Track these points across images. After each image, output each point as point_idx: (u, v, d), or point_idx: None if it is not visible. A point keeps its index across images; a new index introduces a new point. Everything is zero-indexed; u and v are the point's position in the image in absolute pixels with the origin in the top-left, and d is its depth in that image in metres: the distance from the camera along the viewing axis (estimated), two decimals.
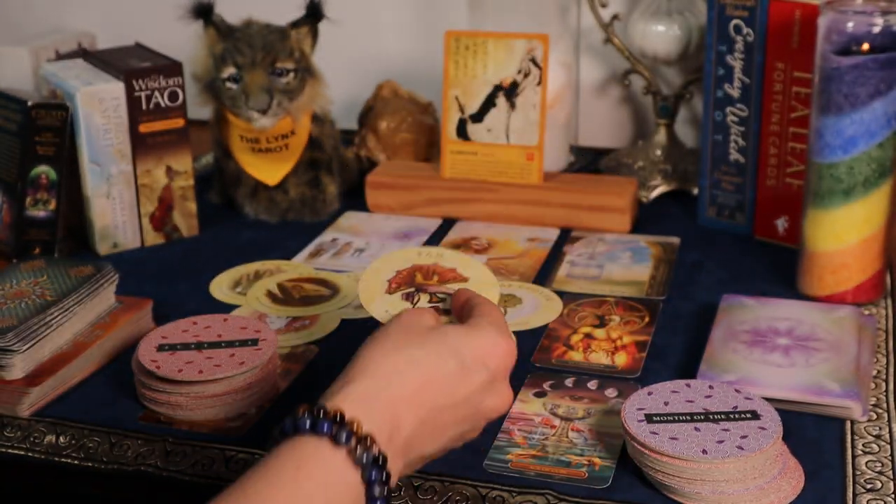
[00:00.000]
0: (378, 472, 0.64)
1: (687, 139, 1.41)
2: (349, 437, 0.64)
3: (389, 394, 0.68)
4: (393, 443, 0.67)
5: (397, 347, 0.71)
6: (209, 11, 1.18)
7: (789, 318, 0.95)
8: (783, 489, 0.74)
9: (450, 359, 0.71)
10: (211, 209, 1.29)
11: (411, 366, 0.70)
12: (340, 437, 0.63)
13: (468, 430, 0.74)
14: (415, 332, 0.73)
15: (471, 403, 0.72)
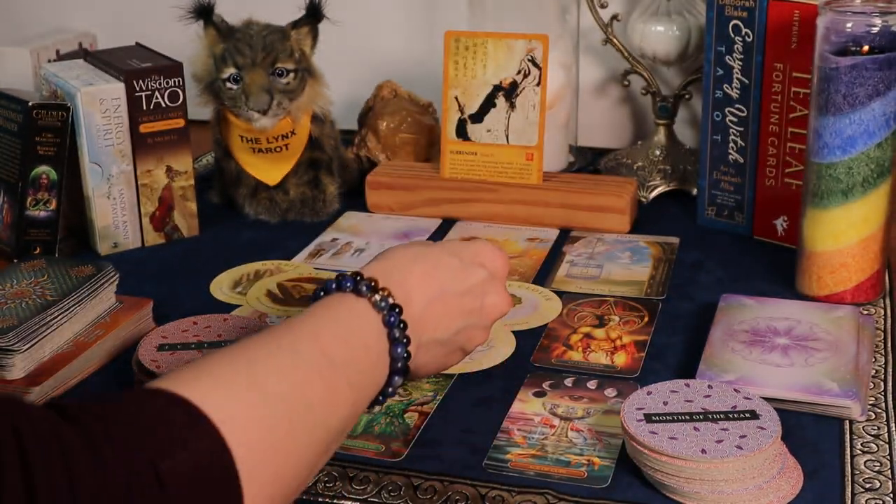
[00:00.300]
0: (396, 318, 0.74)
1: (686, 139, 1.41)
2: (370, 288, 0.74)
3: (400, 275, 0.77)
4: (407, 314, 0.75)
5: (405, 248, 0.82)
6: (209, 12, 1.19)
7: (788, 317, 0.95)
8: (782, 489, 0.74)
9: (452, 257, 0.82)
10: (211, 209, 1.29)
11: (419, 258, 0.80)
12: (361, 289, 0.74)
13: (474, 325, 0.82)
14: (421, 243, 0.85)
15: (474, 295, 0.82)
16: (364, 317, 0.73)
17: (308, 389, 0.65)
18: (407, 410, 0.86)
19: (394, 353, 0.74)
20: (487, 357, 0.94)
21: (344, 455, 0.80)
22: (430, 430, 0.84)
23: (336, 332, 0.71)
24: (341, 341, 0.70)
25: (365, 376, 0.71)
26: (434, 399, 0.88)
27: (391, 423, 0.85)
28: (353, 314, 0.73)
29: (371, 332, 0.73)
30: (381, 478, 0.78)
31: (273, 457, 0.60)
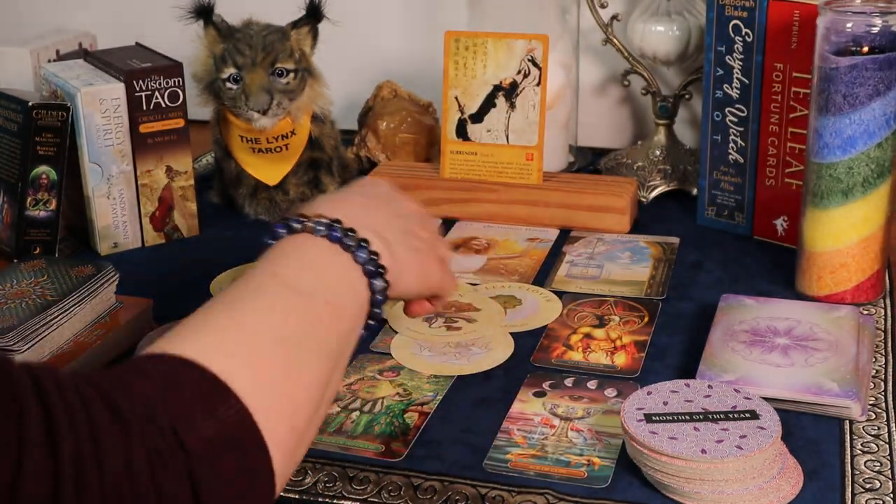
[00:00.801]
0: (341, 230, 0.72)
1: (686, 139, 1.41)
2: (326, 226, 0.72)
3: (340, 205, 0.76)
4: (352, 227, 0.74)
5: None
6: (209, 12, 1.19)
7: (788, 317, 0.95)
8: (782, 489, 0.74)
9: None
10: (211, 209, 1.29)
11: (350, 192, 0.83)
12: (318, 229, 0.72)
13: (424, 241, 0.81)
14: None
15: (415, 219, 0.83)
16: (310, 240, 0.72)
17: (291, 322, 0.65)
18: (407, 410, 0.86)
19: (358, 258, 0.73)
20: (487, 357, 0.94)
21: (344, 455, 0.80)
22: (430, 430, 0.84)
23: (292, 264, 0.70)
24: (300, 270, 0.69)
25: (339, 290, 0.70)
26: (434, 399, 0.88)
27: (391, 423, 0.85)
28: (297, 243, 0.72)
29: (323, 248, 0.72)
30: (381, 478, 0.78)
31: (281, 400, 0.60)
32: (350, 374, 0.92)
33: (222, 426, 0.56)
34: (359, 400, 0.88)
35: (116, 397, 0.53)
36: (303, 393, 0.62)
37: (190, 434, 0.54)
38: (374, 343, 0.97)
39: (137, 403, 0.54)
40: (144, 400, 0.54)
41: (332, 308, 0.68)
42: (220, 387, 0.57)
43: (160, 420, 0.53)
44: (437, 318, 1.01)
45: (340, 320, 0.69)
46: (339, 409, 0.87)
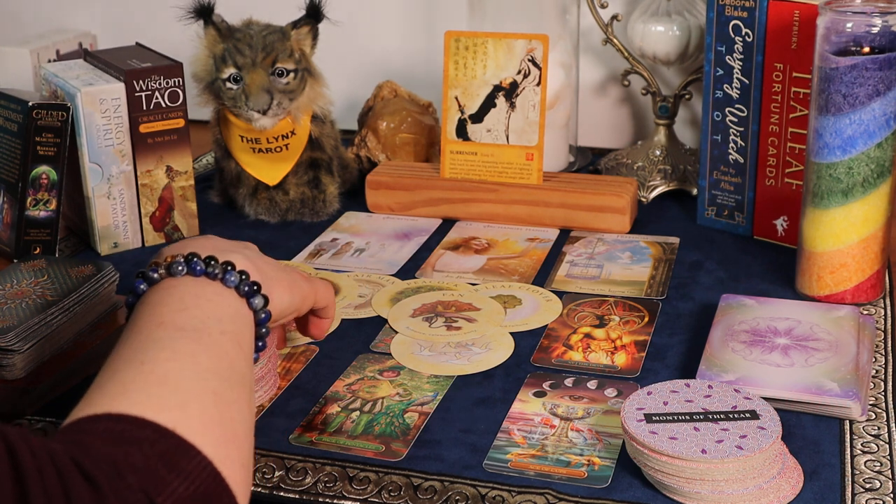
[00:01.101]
0: (201, 263, 0.72)
1: (686, 139, 1.41)
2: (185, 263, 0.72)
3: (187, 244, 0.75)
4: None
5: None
6: (209, 12, 1.19)
7: (788, 317, 0.95)
8: (782, 489, 0.74)
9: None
10: (211, 209, 1.29)
11: (189, 238, 0.80)
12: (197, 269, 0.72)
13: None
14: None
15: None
16: (174, 283, 0.71)
17: (203, 363, 0.64)
18: (407, 410, 0.86)
19: (229, 283, 0.72)
20: (487, 357, 0.94)
21: (344, 455, 0.80)
22: (430, 430, 0.84)
23: (170, 309, 0.68)
24: (181, 312, 0.68)
25: (226, 318, 0.70)
26: (434, 399, 0.88)
27: (391, 423, 0.85)
28: (163, 289, 0.71)
29: (191, 285, 0.71)
30: (381, 478, 0.78)
31: (229, 443, 0.60)
32: (350, 374, 0.92)
33: (194, 485, 0.55)
34: (359, 400, 0.88)
35: (85, 462, 0.52)
36: (241, 428, 0.62)
37: (161, 495, 0.53)
38: (374, 343, 0.98)
39: (105, 467, 0.52)
40: (110, 463, 0.53)
41: (230, 337, 0.68)
42: (176, 440, 0.56)
43: (130, 482, 0.52)
44: (437, 317, 1.01)
45: (241, 346, 0.68)
46: (339, 409, 0.87)
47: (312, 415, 0.86)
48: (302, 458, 0.80)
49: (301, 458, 0.80)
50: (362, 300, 1.06)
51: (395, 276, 1.11)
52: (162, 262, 0.72)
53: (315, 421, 0.85)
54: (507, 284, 1.08)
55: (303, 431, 0.84)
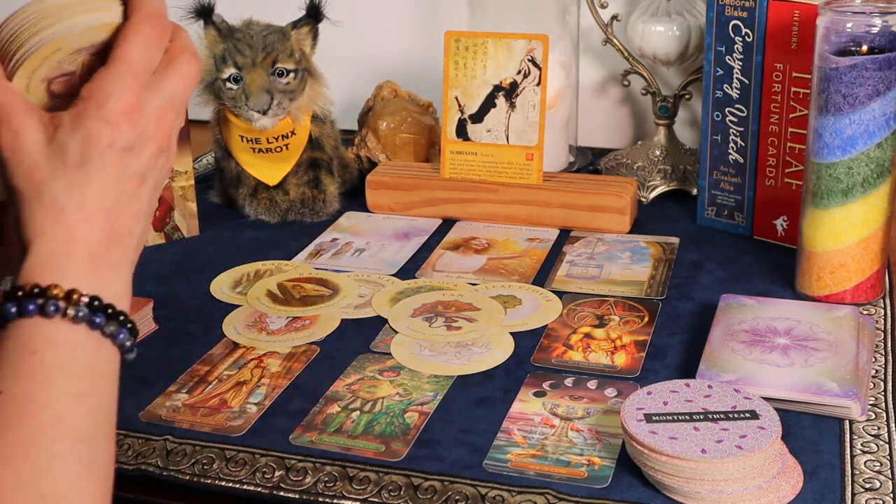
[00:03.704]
0: (102, 317, 0.60)
1: (686, 139, 1.41)
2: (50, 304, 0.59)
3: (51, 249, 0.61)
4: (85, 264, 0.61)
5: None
6: (209, 12, 1.19)
7: (788, 317, 0.95)
8: (782, 489, 0.74)
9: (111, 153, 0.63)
10: (211, 209, 1.29)
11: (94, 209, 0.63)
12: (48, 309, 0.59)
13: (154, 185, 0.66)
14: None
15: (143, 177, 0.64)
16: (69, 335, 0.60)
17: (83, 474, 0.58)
18: (407, 410, 0.86)
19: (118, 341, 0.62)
20: (487, 357, 0.94)
21: (344, 455, 0.80)
22: (430, 430, 0.84)
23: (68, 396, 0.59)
24: (78, 403, 0.59)
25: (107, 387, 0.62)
26: (434, 399, 0.88)
27: (391, 423, 0.85)
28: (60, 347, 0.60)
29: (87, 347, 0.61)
30: (381, 478, 0.78)
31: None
32: (350, 374, 0.92)
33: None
34: (359, 400, 0.88)
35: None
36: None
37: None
38: (375, 343, 0.98)
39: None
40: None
41: (109, 416, 0.61)
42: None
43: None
44: (438, 317, 1.01)
45: (113, 415, 0.62)
46: (340, 409, 0.87)
47: (312, 415, 0.86)
48: (302, 458, 0.80)
49: (301, 458, 0.80)
50: (362, 300, 1.06)
51: (395, 276, 1.11)
52: (59, 294, 0.60)
53: (315, 421, 0.85)
54: (507, 284, 1.08)
55: (303, 431, 0.84)
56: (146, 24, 0.64)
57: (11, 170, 0.62)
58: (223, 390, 0.90)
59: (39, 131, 0.62)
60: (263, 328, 1.00)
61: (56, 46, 0.63)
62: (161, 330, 1.00)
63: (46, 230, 0.61)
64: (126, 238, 0.63)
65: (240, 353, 0.96)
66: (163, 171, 0.66)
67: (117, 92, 0.62)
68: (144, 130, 0.63)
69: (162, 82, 0.64)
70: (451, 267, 1.13)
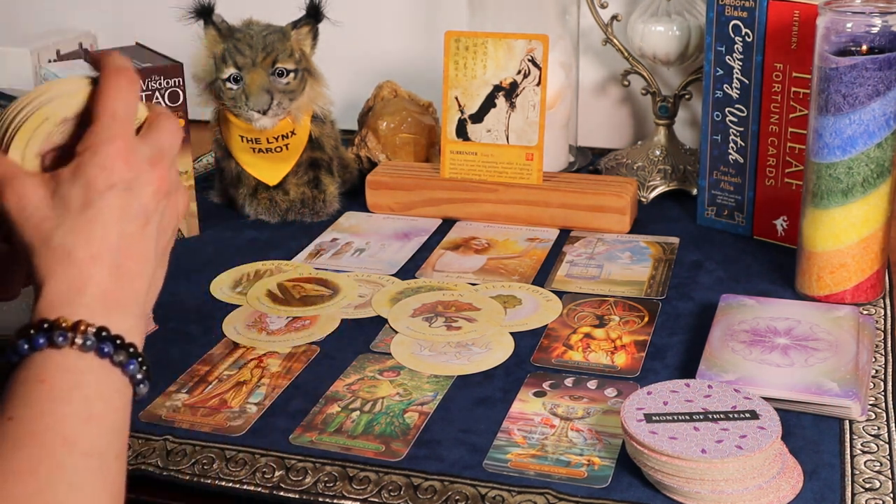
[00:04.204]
0: (111, 346, 0.62)
1: (686, 139, 1.41)
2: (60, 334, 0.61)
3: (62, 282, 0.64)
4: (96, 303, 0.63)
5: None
6: (210, 12, 1.19)
7: (788, 317, 0.95)
8: (782, 489, 0.74)
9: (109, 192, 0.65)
10: (211, 209, 1.29)
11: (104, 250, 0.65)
12: (56, 340, 0.61)
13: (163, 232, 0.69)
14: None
15: (149, 218, 0.67)
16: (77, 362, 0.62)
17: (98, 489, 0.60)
18: (407, 410, 0.86)
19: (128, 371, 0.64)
20: (487, 357, 0.94)
21: (344, 455, 0.80)
22: (430, 430, 0.84)
23: (75, 417, 0.60)
24: (86, 424, 0.60)
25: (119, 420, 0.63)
26: (434, 399, 0.88)
27: (391, 423, 0.85)
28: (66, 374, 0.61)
29: (98, 375, 0.62)
30: (381, 478, 0.78)
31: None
32: (350, 374, 0.92)
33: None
34: (359, 400, 0.88)
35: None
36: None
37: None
38: (375, 343, 0.98)
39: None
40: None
41: (120, 438, 0.62)
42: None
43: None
44: (437, 317, 1.01)
45: (124, 439, 0.63)
46: (340, 409, 0.87)
47: (312, 415, 0.86)
48: (302, 458, 0.80)
49: (301, 458, 0.80)
50: (362, 300, 1.06)
51: (395, 276, 1.11)
52: (66, 325, 0.62)
53: (315, 421, 0.85)
54: (507, 284, 1.08)
55: (303, 431, 0.84)
56: (116, 77, 0.68)
57: (20, 228, 0.65)
58: (223, 390, 0.90)
59: (42, 188, 0.65)
60: (263, 328, 1.00)
61: (43, 116, 0.68)
62: (161, 330, 1.00)
63: (56, 272, 0.63)
64: (136, 278, 0.66)
65: (240, 353, 0.96)
66: (167, 214, 0.69)
67: (108, 139, 0.65)
68: (140, 173, 0.66)
69: (149, 137, 0.69)
70: (451, 267, 1.13)
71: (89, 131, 0.66)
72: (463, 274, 1.11)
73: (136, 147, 0.67)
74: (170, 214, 0.70)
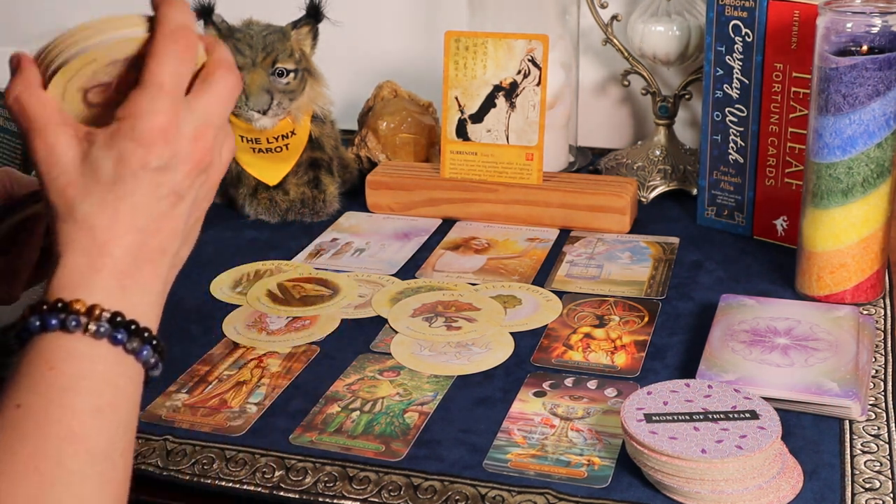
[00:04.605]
0: (125, 333, 0.61)
1: (686, 139, 1.41)
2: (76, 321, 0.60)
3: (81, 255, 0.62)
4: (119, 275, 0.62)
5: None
6: (210, 12, 1.19)
7: (788, 317, 0.95)
8: (782, 489, 0.74)
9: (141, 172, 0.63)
10: (211, 209, 1.28)
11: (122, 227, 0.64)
12: (69, 324, 0.60)
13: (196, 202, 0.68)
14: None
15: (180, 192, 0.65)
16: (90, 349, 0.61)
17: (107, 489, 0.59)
18: (407, 410, 0.86)
19: (141, 358, 0.63)
20: (487, 357, 0.94)
21: (344, 455, 0.80)
22: (430, 430, 0.84)
23: (84, 410, 0.59)
24: (94, 418, 0.59)
25: (130, 408, 0.62)
26: (434, 399, 0.88)
27: (391, 423, 0.85)
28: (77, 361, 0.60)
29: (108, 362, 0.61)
30: (381, 478, 0.78)
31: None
32: (350, 374, 0.92)
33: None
34: (359, 400, 0.88)
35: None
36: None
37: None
38: (375, 343, 0.98)
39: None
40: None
41: (128, 433, 0.62)
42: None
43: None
44: (437, 317, 1.01)
45: (132, 431, 0.63)
46: (340, 409, 0.87)
47: (312, 415, 0.86)
48: (302, 458, 0.80)
49: (301, 458, 0.80)
50: (362, 300, 1.06)
51: (395, 276, 1.11)
52: (81, 309, 0.61)
53: (315, 421, 0.85)
54: (507, 284, 1.08)
55: (303, 431, 0.84)
56: (172, 41, 0.64)
57: (47, 185, 0.63)
58: (223, 390, 0.90)
59: (74, 146, 0.63)
60: (263, 328, 1.00)
61: (91, 58, 0.65)
62: (161, 330, 0.99)
63: (76, 247, 0.62)
64: (159, 256, 0.64)
65: (240, 353, 0.96)
66: (203, 189, 0.67)
67: (149, 113, 0.62)
68: (179, 150, 0.64)
69: (198, 101, 0.65)
70: (451, 267, 1.13)
71: (133, 97, 0.63)
72: (463, 274, 1.11)
73: (179, 120, 0.63)
74: (208, 187, 0.67)
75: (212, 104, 0.66)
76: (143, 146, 0.62)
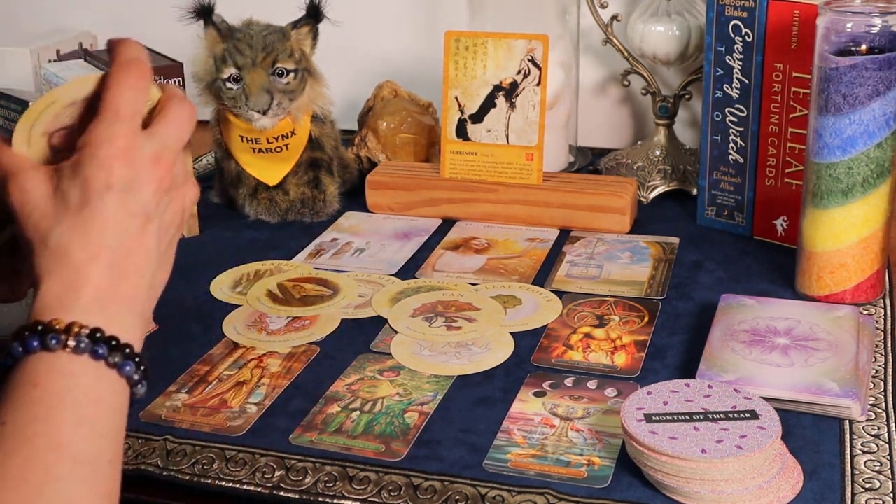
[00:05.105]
0: (105, 348, 0.62)
1: (686, 139, 1.41)
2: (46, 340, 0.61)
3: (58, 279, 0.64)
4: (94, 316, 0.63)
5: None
6: (210, 12, 1.19)
7: (788, 317, 0.95)
8: (782, 489, 0.74)
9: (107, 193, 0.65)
10: (211, 209, 1.29)
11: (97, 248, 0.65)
12: (50, 344, 0.61)
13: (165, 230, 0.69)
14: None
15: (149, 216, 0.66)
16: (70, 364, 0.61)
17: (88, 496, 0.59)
18: (407, 410, 0.86)
19: (124, 373, 0.64)
20: (487, 357, 0.94)
21: (344, 455, 0.80)
22: (430, 430, 0.84)
23: (68, 422, 0.60)
24: (79, 427, 0.60)
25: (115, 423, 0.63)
26: (434, 399, 0.88)
27: (391, 423, 0.85)
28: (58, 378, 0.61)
29: (88, 377, 0.62)
30: (381, 478, 0.78)
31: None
32: (350, 374, 0.92)
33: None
34: (359, 400, 0.88)
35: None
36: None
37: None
38: (375, 343, 0.98)
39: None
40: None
41: (114, 443, 0.62)
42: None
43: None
44: (437, 317, 1.01)
45: (119, 442, 0.63)
46: (340, 409, 0.87)
47: (312, 415, 0.86)
48: (302, 458, 0.80)
49: (301, 458, 0.80)
50: (362, 300, 1.06)
51: (395, 276, 1.11)
52: (60, 326, 0.62)
53: (315, 421, 0.85)
54: (507, 284, 1.08)
55: (303, 431, 0.84)
56: (125, 71, 0.68)
57: (22, 223, 0.65)
58: (223, 390, 0.90)
59: (45, 183, 0.65)
60: (263, 328, 1.00)
61: (51, 99, 0.68)
62: (161, 330, 1.00)
63: (53, 271, 0.63)
64: (136, 276, 0.66)
65: (240, 353, 0.96)
66: (169, 211, 0.69)
67: (108, 138, 0.65)
68: (140, 171, 0.66)
69: (156, 127, 0.68)
70: (451, 267, 1.13)
71: (91, 126, 0.66)
72: (463, 274, 1.11)
73: (137, 144, 0.66)
74: (173, 210, 0.69)
75: (169, 129, 0.69)
76: (104, 169, 0.64)
